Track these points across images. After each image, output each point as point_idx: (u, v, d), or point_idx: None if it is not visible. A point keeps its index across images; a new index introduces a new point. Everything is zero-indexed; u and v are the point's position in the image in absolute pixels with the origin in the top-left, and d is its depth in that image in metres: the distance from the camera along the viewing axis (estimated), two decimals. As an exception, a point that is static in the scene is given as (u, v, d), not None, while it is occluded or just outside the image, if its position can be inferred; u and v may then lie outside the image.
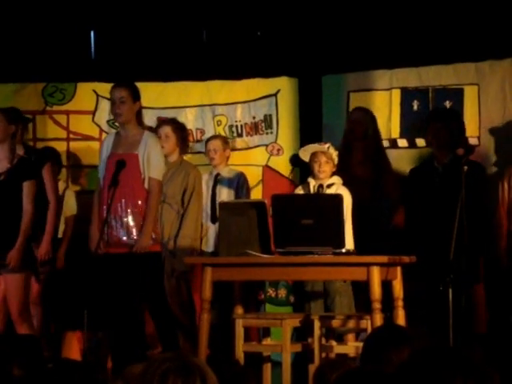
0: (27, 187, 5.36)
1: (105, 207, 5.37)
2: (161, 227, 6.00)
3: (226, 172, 6.60)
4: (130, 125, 5.52)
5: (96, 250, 5.33)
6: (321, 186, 5.89)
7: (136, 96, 5.51)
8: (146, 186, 5.45)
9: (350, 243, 5.74)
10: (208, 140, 6.70)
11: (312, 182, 5.92)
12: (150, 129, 6.11)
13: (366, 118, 6.50)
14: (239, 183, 6.57)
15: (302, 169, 6.95)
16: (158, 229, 5.63)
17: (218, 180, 6.54)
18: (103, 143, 5.71)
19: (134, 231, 5.39)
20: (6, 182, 5.35)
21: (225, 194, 6.49)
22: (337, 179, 5.92)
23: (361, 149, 6.39)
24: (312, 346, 5.41)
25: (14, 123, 5.50)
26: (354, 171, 6.26)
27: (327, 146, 5.93)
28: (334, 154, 5.91)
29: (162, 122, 6.59)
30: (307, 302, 6.09)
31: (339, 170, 5.99)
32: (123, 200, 5.38)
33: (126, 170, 5.37)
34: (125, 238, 5.39)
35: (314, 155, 5.90)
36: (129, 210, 5.38)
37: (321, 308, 6.03)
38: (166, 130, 6.37)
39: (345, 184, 5.93)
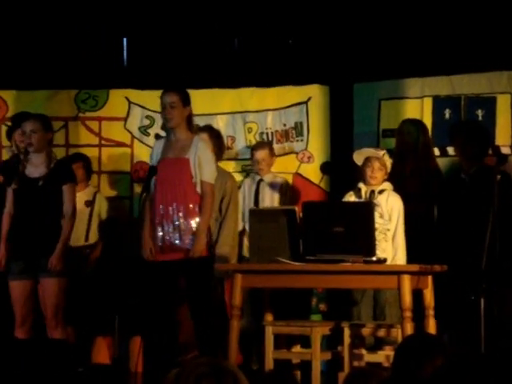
0: (67, 190, 5.40)
1: (156, 211, 5.38)
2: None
3: (269, 178, 6.61)
4: (180, 129, 5.52)
5: (149, 257, 5.35)
6: (372, 191, 5.81)
7: (186, 101, 5.51)
8: (198, 189, 5.45)
9: (402, 254, 5.67)
10: (255, 149, 6.67)
11: (363, 188, 5.84)
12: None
13: (417, 129, 6.44)
14: (282, 189, 6.57)
15: (333, 177, 6.95)
16: (210, 234, 5.62)
17: (260, 186, 6.55)
18: (153, 149, 5.70)
19: (187, 235, 5.39)
20: (45, 186, 5.39)
21: (267, 200, 6.50)
22: (388, 185, 5.84)
23: (413, 160, 6.33)
24: (342, 354, 5.41)
25: (51, 130, 5.54)
26: (407, 183, 6.19)
27: (383, 152, 5.88)
28: (388, 161, 5.85)
29: (198, 128, 6.60)
30: (356, 310, 6.05)
31: (392, 182, 5.93)
32: (175, 204, 5.38)
33: (177, 173, 5.39)
34: (177, 242, 5.39)
35: (367, 160, 5.83)
36: (180, 214, 5.38)
37: (370, 317, 6.00)
38: (203, 136, 6.37)
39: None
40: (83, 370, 5.89)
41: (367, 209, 5.29)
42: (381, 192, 5.79)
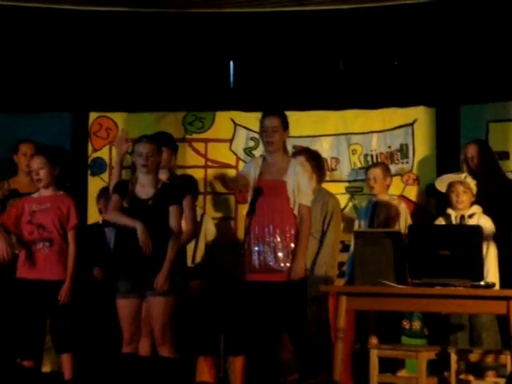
0: (174, 211, 5.48)
1: (253, 232, 5.44)
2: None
3: (384, 200, 6.54)
4: (278, 152, 5.59)
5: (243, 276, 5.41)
6: (462, 216, 5.78)
7: (286, 125, 5.60)
8: (295, 212, 5.48)
9: (494, 275, 5.60)
10: (369, 168, 6.68)
11: (452, 214, 5.82)
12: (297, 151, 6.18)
13: (481, 151, 6.31)
14: (397, 212, 6.50)
15: (439, 199, 6.86)
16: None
17: (376, 208, 6.52)
18: (249, 163, 5.74)
19: (282, 257, 5.42)
20: (154, 206, 5.49)
21: (382, 222, 6.44)
22: (477, 208, 5.79)
23: (496, 177, 6.21)
24: (448, 379, 5.33)
25: (161, 153, 5.63)
26: (491, 205, 6.07)
27: (464, 175, 5.84)
28: (472, 183, 5.79)
29: (295, 151, 6.64)
30: (452, 335, 5.95)
31: (482, 203, 5.83)
32: (271, 226, 5.43)
33: (274, 196, 5.43)
34: (272, 264, 5.42)
35: (451, 185, 5.81)
36: (277, 236, 5.42)
37: (466, 342, 5.90)
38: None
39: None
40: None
41: (476, 232, 5.20)
42: (471, 216, 5.74)
